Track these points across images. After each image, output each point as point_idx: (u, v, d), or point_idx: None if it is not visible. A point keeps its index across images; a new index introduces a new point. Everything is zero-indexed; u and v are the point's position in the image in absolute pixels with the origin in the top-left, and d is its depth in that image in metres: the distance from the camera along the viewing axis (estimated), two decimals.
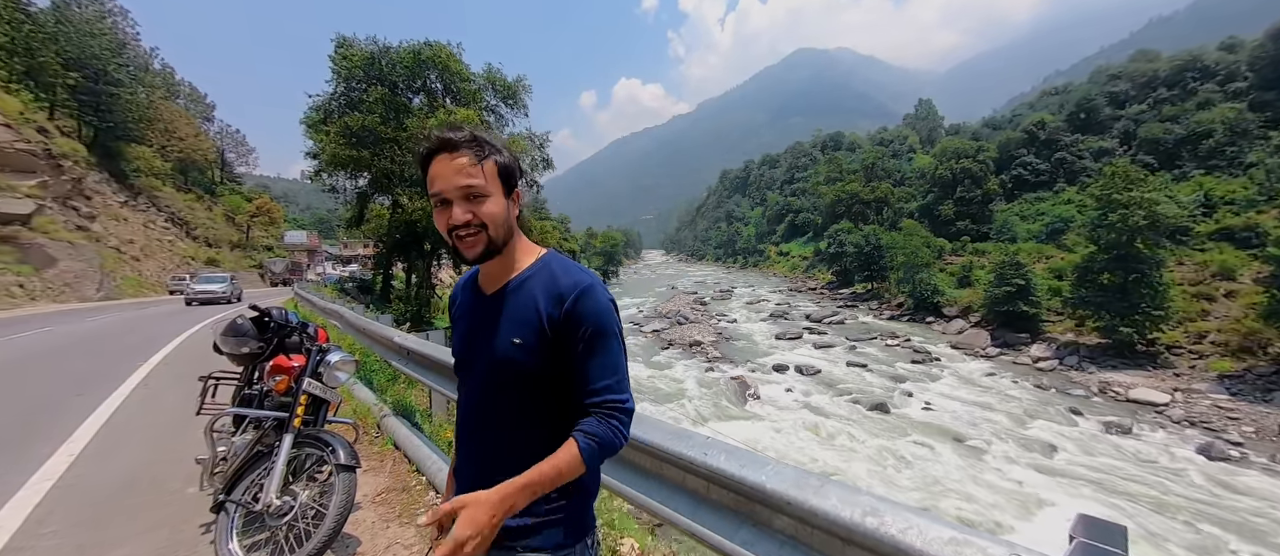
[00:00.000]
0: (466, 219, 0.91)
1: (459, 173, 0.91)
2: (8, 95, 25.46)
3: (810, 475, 1.18)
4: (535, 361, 0.93)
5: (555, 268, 0.99)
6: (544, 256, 1.02)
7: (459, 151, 0.92)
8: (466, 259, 0.94)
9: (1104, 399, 19.75)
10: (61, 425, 4.20)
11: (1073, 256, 30.37)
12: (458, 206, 0.91)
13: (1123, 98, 49.63)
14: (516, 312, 0.95)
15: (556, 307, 0.93)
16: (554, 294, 0.94)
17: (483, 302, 1.01)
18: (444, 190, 0.91)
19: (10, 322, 12.72)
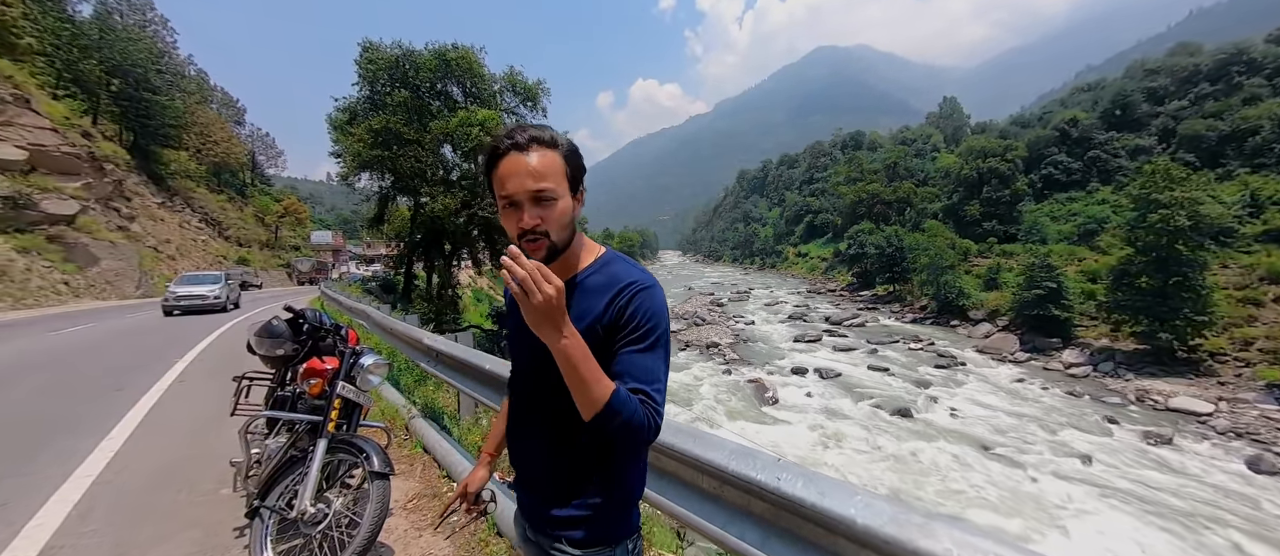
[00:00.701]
0: (535, 223, 0.89)
1: (529, 175, 0.88)
2: (55, 101, 26.70)
3: (912, 511, 1.04)
4: None
5: (616, 267, 0.98)
6: (604, 255, 1.02)
7: (530, 150, 0.89)
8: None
9: (1142, 407, 18.93)
10: (102, 420, 4.33)
11: (1107, 258, 29.20)
12: (528, 210, 0.89)
13: (1161, 93, 47.58)
14: (574, 311, 0.93)
15: (611, 306, 0.93)
16: (610, 292, 0.94)
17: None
18: (514, 192, 0.88)
19: (56, 318, 13.30)
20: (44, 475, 3.19)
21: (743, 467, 1.29)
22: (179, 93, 44.67)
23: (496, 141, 0.92)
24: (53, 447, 3.68)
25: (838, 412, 18.39)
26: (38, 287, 17.55)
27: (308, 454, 1.82)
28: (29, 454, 3.57)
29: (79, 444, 3.72)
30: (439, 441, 3.16)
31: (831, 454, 15.10)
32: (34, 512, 2.72)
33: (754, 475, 1.26)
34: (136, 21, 44.92)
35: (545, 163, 0.89)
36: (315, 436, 1.86)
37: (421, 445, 3.41)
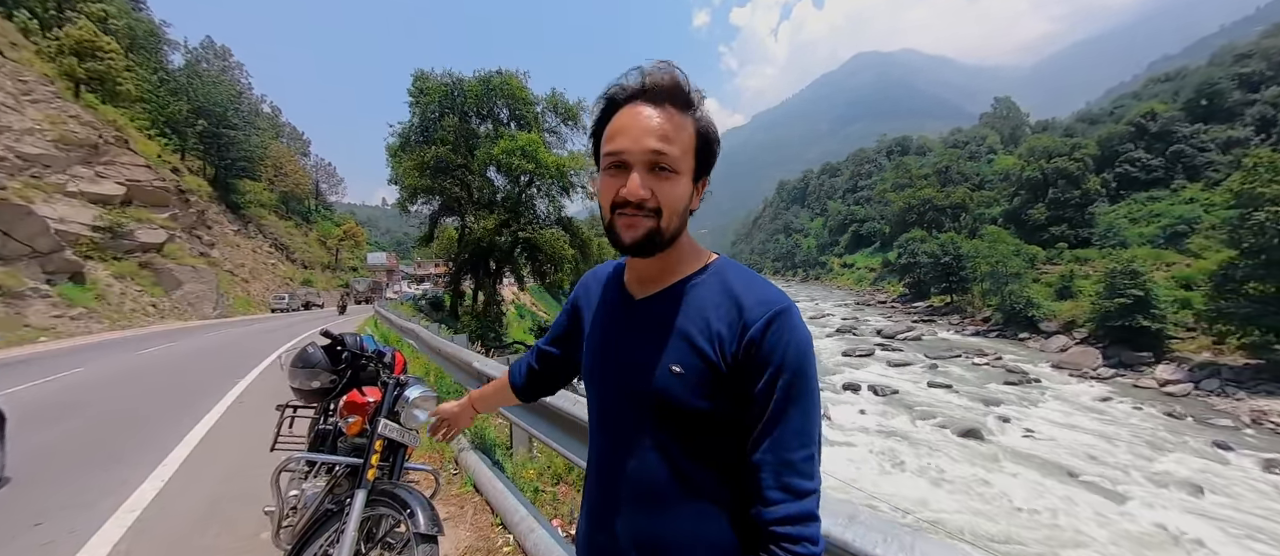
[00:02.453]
0: (643, 197, 0.66)
1: (651, 133, 0.67)
2: (149, 140, 29.69)
3: None
4: (698, 401, 0.68)
5: (733, 278, 0.72)
6: (715, 262, 0.76)
7: (660, 105, 0.68)
8: (621, 242, 0.69)
9: (1258, 431, 16.60)
10: (157, 448, 4.45)
11: (1203, 262, 26.24)
12: (638, 174, 0.67)
13: (1256, 80, 43.01)
14: (677, 331, 0.70)
15: (737, 334, 0.67)
16: (733, 313, 0.68)
17: (628, 308, 0.78)
18: (627, 150, 0.67)
19: (142, 339, 14.45)
20: (93, 509, 3.21)
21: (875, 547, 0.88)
22: (254, 130, 48.77)
23: (620, 87, 0.70)
24: (107, 476, 3.76)
25: (896, 433, 17.17)
26: (130, 309, 19.23)
27: (345, 506, 1.58)
28: (84, 483, 3.66)
29: (132, 474, 3.78)
30: (492, 480, 2.91)
31: (893, 479, 14.02)
32: (75, 551, 2.71)
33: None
34: (219, 67, 49.66)
35: (675, 125, 0.68)
36: (355, 483, 1.63)
37: (472, 483, 3.18)
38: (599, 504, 0.76)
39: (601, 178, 0.72)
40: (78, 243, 19.04)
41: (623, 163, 0.68)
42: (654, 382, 0.69)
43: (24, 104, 20.46)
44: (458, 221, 23.82)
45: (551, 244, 21.21)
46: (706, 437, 0.69)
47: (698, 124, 0.70)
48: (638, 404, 0.71)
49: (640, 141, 0.66)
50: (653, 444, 0.70)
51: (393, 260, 72.70)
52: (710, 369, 0.67)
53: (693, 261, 0.77)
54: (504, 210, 21.81)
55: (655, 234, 0.69)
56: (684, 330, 0.70)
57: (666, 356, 0.70)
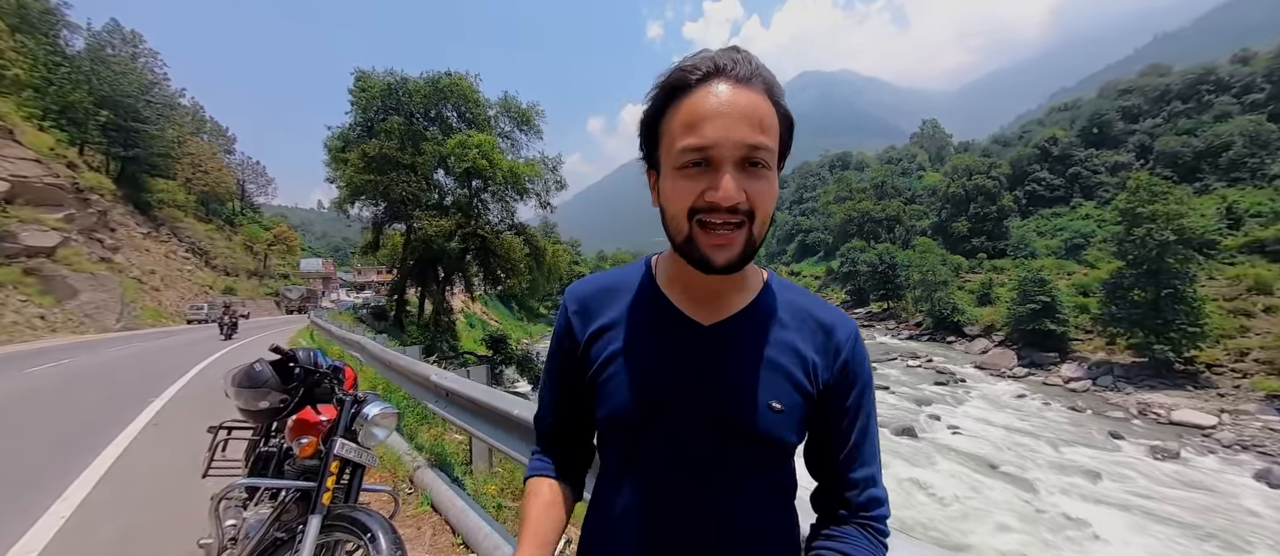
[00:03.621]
0: (738, 198, 0.55)
1: (746, 119, 0.55)
2: (40, 132, 26.33)
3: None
4: (797, 434, 0.65)
5: (799, 297, 0.70)
6: (771, 278, 0.72)
7: (752, 85, 0.56)
8: (709, 262, 0.58)
9: (1145, 421, 18.81)
10: (57, 475, 3.92)
11: (1097, 272, 29.57)
12: (730, 175, 0.55)
13: (1135, 112, 49.21)
14: (768, 362, 0.64)
15: (831, 358, 0.65)
16: (822, 337, 0.66)
17: (695, 335, 0.66)
18: (718, 143, 0.54)
19: (28, 355, 12.72)
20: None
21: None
22: (169, 123, 44.43)
23: (690, 66, 0.57)
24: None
25: None
26: (12, 322, 16.91)
27: (296, 533, 1.46)
28: None
29: (21, 516, 3.29)
30: (452, 498, 2.78)
31: None
32: None
33: None
34: (128, 54, 44.94)
35: (764, 108, 0.56)
36: (307, 508, 1.50)
37: (429, 501, 3.02)
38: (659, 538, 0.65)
39: (669, 177, 0.59)
40: None
41: (709, 159, 0.55)
42: (759, 424, 0.62)
43: None
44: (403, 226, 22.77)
45: (506, 248, 20.71)
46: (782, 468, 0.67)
47: (780, 111, 0.59)
48: (732, 443, 0.63)
49: (734, 132, 0.54)
50: (742, 484, 0.64)
51: (330, 267, 68.23)
52: (805, 400, 0.64)
53: (752, 277, 0.70)
54: (455, 212, 21.09)
55: (750, 246, 0.58)
56: (776, 361, 0.64)
57: (763, 392, 0.63)
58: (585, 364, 0.70)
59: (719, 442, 0.64)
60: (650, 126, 0.62)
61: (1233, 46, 53.38)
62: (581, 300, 0.73)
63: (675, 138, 0.57)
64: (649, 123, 0.62)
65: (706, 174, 0.56)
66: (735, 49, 0.58)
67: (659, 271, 0.72)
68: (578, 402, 0.75)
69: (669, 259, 0.70)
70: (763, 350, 0.65)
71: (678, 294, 0.68)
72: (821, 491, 0.71)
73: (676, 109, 0.58)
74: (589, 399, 0.71)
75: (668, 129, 0.59)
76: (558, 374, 0.76)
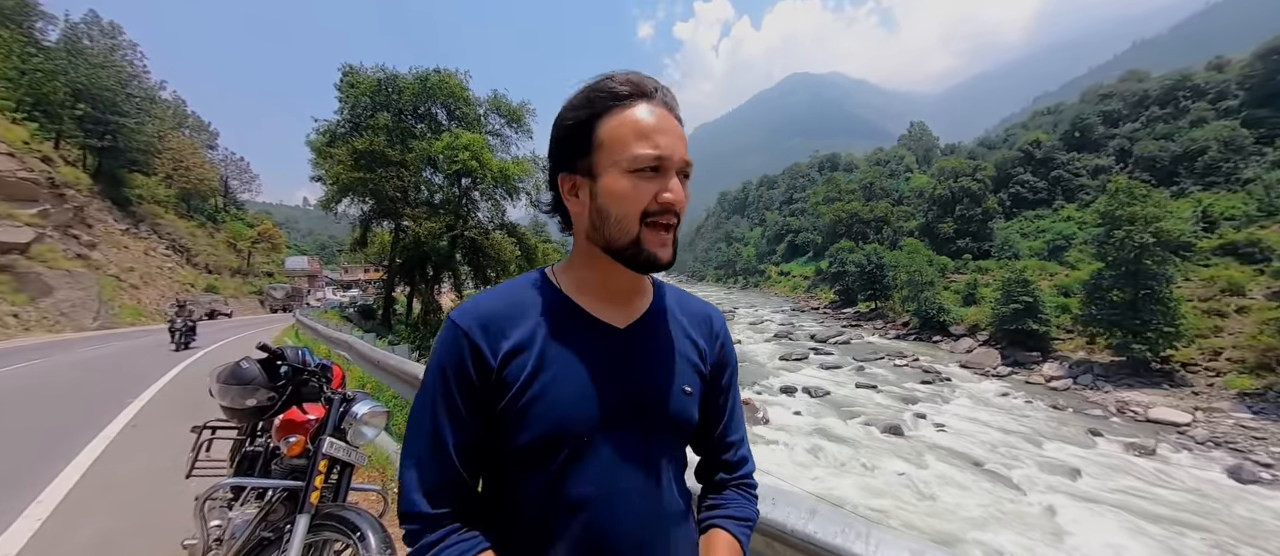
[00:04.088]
0: (684, 200, 0.65)
1: (681, 139, 0.65)
2: (14, 125, 25.57)
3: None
4: (699, 414, 0.75)
5: (676, 292, 0.80)
6: (656, 279, 0.80)
7: (675, 112, 0.67)
8: (655, 260, 0.65)
9: (1123, 419, 19.27)
10: (30, 479, 3.84)
11: (1078, 273, 30.18)
12: (677, 181, 0.64)
13: (1116, 117, 50.33)
14: (675, 352, 0.73)
15: (712, 342, 0.77)
16: (700, 323, 0.77)
17: (613, 338, 0.70)
18: (668, 152, 0.63)
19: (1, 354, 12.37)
20: None
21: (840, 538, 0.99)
22: (149, 118, 43.43)
23: (620, 80, 0.65)
24: None
25: (828, 432, 18.22)
26: None
27: (284, 533, 1.44)
28: None
29: (5, 506, 3.24)
30: None
31: (827, 475, 14.87)
32: None
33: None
34: (106, 46, 43.83)
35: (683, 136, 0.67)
36: (294, 508, 1.48)
37: None
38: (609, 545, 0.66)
39: (619, 178, 0.63)
40: None
41: (662, 166, 0.63)
42: (679, 409, 0.70)
43: None
44: (392, 224, 22.53)
45: (496, 248, 20.61)
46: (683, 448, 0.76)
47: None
48: (658, 434, 0.70)
49: (678, 148, 0.64)
50: (665, 469, 0.71)
51: (315, 265, 67.18)
52: (703, 382, 0.75)
53: (647, 280, 0.77)
54: (444, 212, 20.92)
55: (676, 245, 0.68)
56: (681, 351, 0.73)
57: (677, 380, 0.71)
58: (500, 390, 0.66)
59: (654, 435, 0.70)
60: (580, 133, 0.65)
61: (1208, 53, 54.88)
62: (484, 322, 0.68)
63: (627, 144, 0.63)
64: (578, 131, 0.65)
65: (658, 178, 0.63)
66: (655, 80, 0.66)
67: (563, 282, 0.73)
68: (484, 439, 0.68)
69: (575, 268, 0.73)
70: (670, 343, 0.73)
71: (590, 302, 0.72)
72: (704, 463, 0.81)
73: (618, 119, 0.63)
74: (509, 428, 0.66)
75: (612, 136, 0.63)
76: (462, 411, 0.67)
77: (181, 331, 12.48)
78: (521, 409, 0.65)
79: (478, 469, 0.70)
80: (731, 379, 0.79)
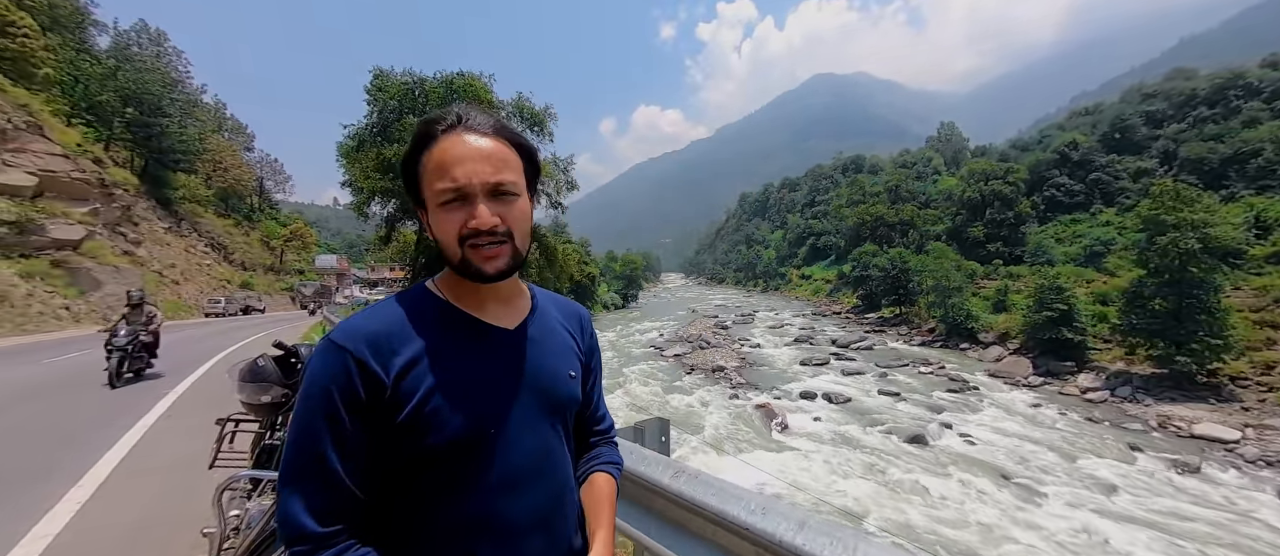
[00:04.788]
0: (494, 223, 0.69)
1: (486, 160, 0.69)
2: (68, 128, 27.14)
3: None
4: (580, 391, 0.89)
5: (547, 294, 0.93)
6: (528, 283, 0.93)
7: (489, 134, 0.72)
8: (483, 274, 0.71)
9: (1165, 434, 18.33)
10: (75, 462, 4.06)
11: (1117, 281, 28.89)
12: (484, 204, 0.69)
13: (1160, 117, 48.01)
14: (559, 344, 0.85)
15: (583, 334, 0.91)
16: (573, 319, 0.91)
17: (506, 339, 0.79)
18: (465, 181, 0.68)
19: (51, 345, 13.11)
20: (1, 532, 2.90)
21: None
22: (192, 121, 45.54)
23: (433, 120, 0.72)
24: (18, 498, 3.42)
25: (849, 439, 17.85)
26: (38, 313, 17.43)
27: None
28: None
29: (42, 497, 3.42)
30: None
31: (845, 484, 14.55)
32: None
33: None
34: (153, 52, 46.13)
35: (503, 151, 0.72)
36: None
37: None
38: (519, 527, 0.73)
39: (434, 212, 0.70)
40: None
41: (464, 194, 0.68)
42: (564, 394, 0.83)
43: None
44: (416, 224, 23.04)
45: None
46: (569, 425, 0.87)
47: (518, 146, 0.74)
48: (554, 418, 0.81)
49: (478, 171, 0.68)
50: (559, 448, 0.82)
51: (344, 263, 69.21)
52: (581, 367, 0.89)
53: (521, 286, 0.86)
54: None
55: (515, 258, 0.73)
56: (564, 343, 0.86)
57: (563, 367, 0.83)
58: (396, 405, 0.67)
59: (551, 420, 0.80)
60: (409, 171, 0.74)
61: (1262, 50, 51.91)
62: (371, 342, 0.68)
63: (431, 180, 0.70)
64: (407, 169, 0.74)
65: (465, 206, 0.69)
66: (468, 108, 0.73)
67: (446, 292, 0.78)
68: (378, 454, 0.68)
69: (453, 278, 0.78)
70: (554, 337, 0.85)
71: (475, 307, 0.78)
72: (578, 431, 0.93)
73: (427, 156, 0.70)
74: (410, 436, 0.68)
75: (425, 172, 0.71)
76: (348, 430, 0.66)
77: (124, 350, 7.22)
78: (427, 416, 0.68)
79: (367, 486, 0.68)
80: (597, 363, 0.95)
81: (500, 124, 0.74)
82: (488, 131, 0.71)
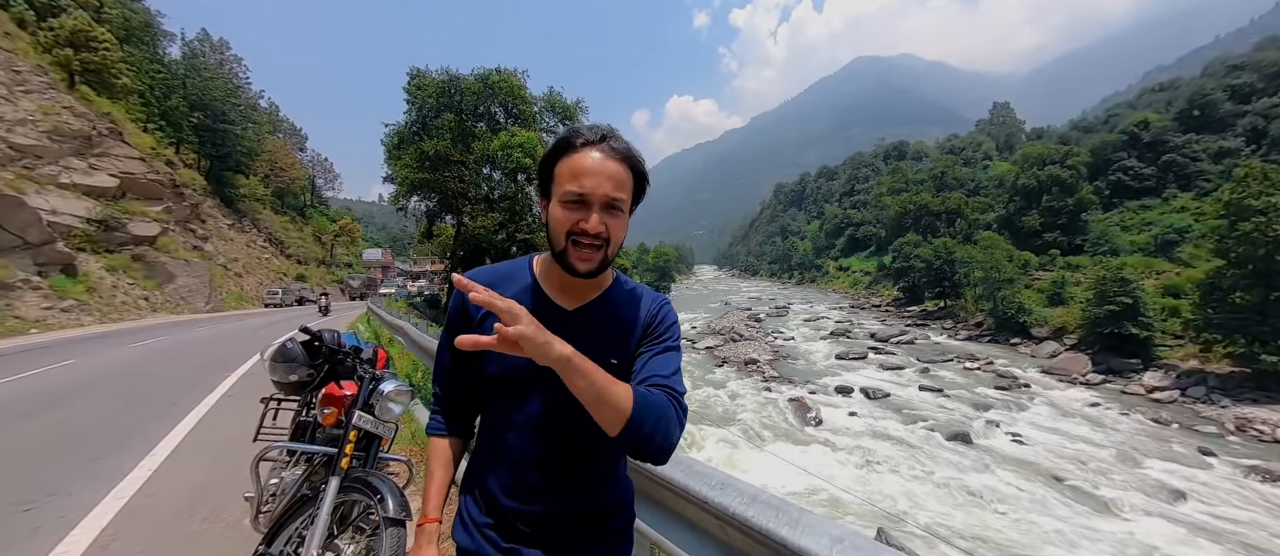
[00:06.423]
0: (601, 229, 0.82)
1: (611, 179, 0.83)
2: (144, 133, 29.56)
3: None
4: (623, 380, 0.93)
5: (632, 285, 1.00)
6: (619, 275, 1.00)
7: (614, 157, 0.84)
8: (575, 269, 0.85)
9: (1242, 438, 16.81)
10: (148, 437, 4.50)
11: (1192, 272, 26.52)
12: (598, 214, 0.82)
13: (1247, 91, 43.53)
14: (611, 331, 0.93)
15: (641, 318, 0.94)
16: (642, 310, 0.95)
17: (561, 317, 0.92)
18: (591, 192, 0.82)
19: (133, 332, 14.43)
20: (81, 495, 3.26)
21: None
22: (251, 124, 48.65)
23: (577, 133, 0.86)
24: (97, 465, 3.82)
25: (887, 435, 17.29)
26: (122, 303, 19.18)
27: (320, 492, 1.66)
28: (74, 471, 3.71)
29: (120, 463, 3.84)
30: None
31: (880, 480, 14.14)
32: (62, 537, 2.75)
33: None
34: (216, 60, 49.47)
35: (624, 174, 0.85)
36: (330, 471, 1.70)
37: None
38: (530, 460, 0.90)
39: (555, 206, 0.84)
40: (70, 235, 18.99)
41: (583, 200, 0.82)
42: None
43: (17, 95, 20.37)
44: (454, 219, 23.85)
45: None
46: None
47: (637, 172, 0.87)
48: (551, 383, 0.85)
49: (602, 187, 0.82)
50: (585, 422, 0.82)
51: (388, 256, 72.47)
52: (629, 352, 0.91)
53: (606, 277, 0.96)
54: (502, 209, 21.86)
55: (604, 261, 0.85)
56: (616, 330, 0.92)
57: (608, 352, 0.88)
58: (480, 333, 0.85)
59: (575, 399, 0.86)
60: (545, 168, 0.88)
61: None
62: (489, 280, 0.93)
63: (563, 181, 0.84)
64: (544, 166, 0.88)
65: (582, 210, 0.82)
66: (610, 131, 0.86)
67: (538, 269, 0.97)
68: (468, 366, 0.96)
69: (547, 260, 0.95)
70: (608, 323, 0.92)
71: (551, 287, 0.94)
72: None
73: (565, 161, 0.84)
74: (479, 362, 0.93)
75: (558, 173, 0.85)
76: (449, 342, 0.97)
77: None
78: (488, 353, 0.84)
79: (463, 381, 0.99)
80: (659, 338, 0.92)
81: (629, 150, 0.86)
82: (617, 155, 0.84)
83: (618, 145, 0.85)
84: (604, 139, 0.85)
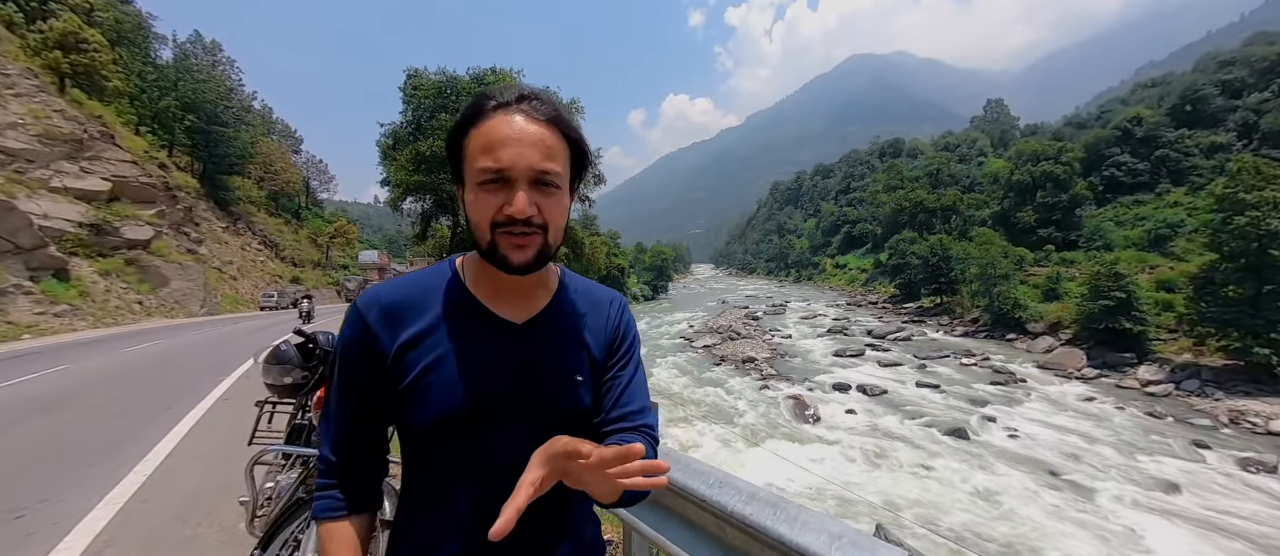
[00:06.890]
0: (531, 212, 0.64)
1: (536, 147, 0.64)
2: (136, 136, 29.33)
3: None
4: (592, 398, 0.77)
5: (582, 283, 0.83)
6: (560, 270, 0.82)
7: (542, 119, 0.66)
8: (508, 263, 0.66)
9: (1237, 430, 16.96)
10: (142, 442, 4.47)
11: (1186, 266, 26.74)
12: (523, 192, 0.64)
13: (1238, 86, 43.87)
14: (571, 345, 0.76)
15: (604, 328, 0.79)
16: (598, 312, 0.80)
17: (512, 334, 0.73)
18: (511, 165, 0.63)
19: (127, 336, 14.32)
20: (75, 502, 3.23)
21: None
22: (244, 126, 48.32)
23: (488, 95, 0.67)
24: (90, 470, 3.79)
25: (884, 432, 17.36)
26: (115, 307, 19.03)
27: (314, 495, 1.66)
28: (67, 477, 3.68)
29: (115, 468, 3.82)
30: None
31: (878, 477, 14.19)
32: (55, 544, 2.73)
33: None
34: (208, 62, 49.12)
35: (553, 140, 0.66)
36: None
37: None
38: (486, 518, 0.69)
39: (472, 192, 0.66)
40: (62, 239, 18.82)
41: (505, 177, 0.64)
42: (562, 398, 0.73)
43: (7, 98, 20.17)
44: (451, 220, 23.78)
45: None
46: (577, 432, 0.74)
47: (572, 138, 0.69)
48: (546, 422, 0.70)
49: (524, 156, 0.63)
50: None
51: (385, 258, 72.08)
52: (595, 368, 0.77)
53: (550, 275, 0.79)
54: None
55: (544, 251, 0.67)
56: (575, 341, 0.76)
57: (569, 370, 0.74)
58: (397, 375, 0.70)
59: (542, 424, 0.70)
60: (453, 145, 0.69)
61: None
62: (384, 310, 0.72)
63: (475, 157, 0.65)
64: (452, 142, 0.69)
65: (503, 190, 0.64)
66: (524, 89, 0.68)
67: (467, 274, 0.76)
68: (378, 417, 0.76)
69: (476, 262, 0.75)
70: (566, 334, 0.76)
71: (489, 295, 0.74)
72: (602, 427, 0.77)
73: (475, 132, 0.65)
74: (394, 409, 0.73)
75: (469, 149, 0.66)
76: (356, 390, 0.74)
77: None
78: (419, 392, 0.69)
79: (369, 439, 0.78)
80: (625, 354, 0.79)
81: (557, 111, 0.68)
82: (543, 117, 0.66)
83: (541, 106, 0.66)
84: (523, 99, 0.66)
